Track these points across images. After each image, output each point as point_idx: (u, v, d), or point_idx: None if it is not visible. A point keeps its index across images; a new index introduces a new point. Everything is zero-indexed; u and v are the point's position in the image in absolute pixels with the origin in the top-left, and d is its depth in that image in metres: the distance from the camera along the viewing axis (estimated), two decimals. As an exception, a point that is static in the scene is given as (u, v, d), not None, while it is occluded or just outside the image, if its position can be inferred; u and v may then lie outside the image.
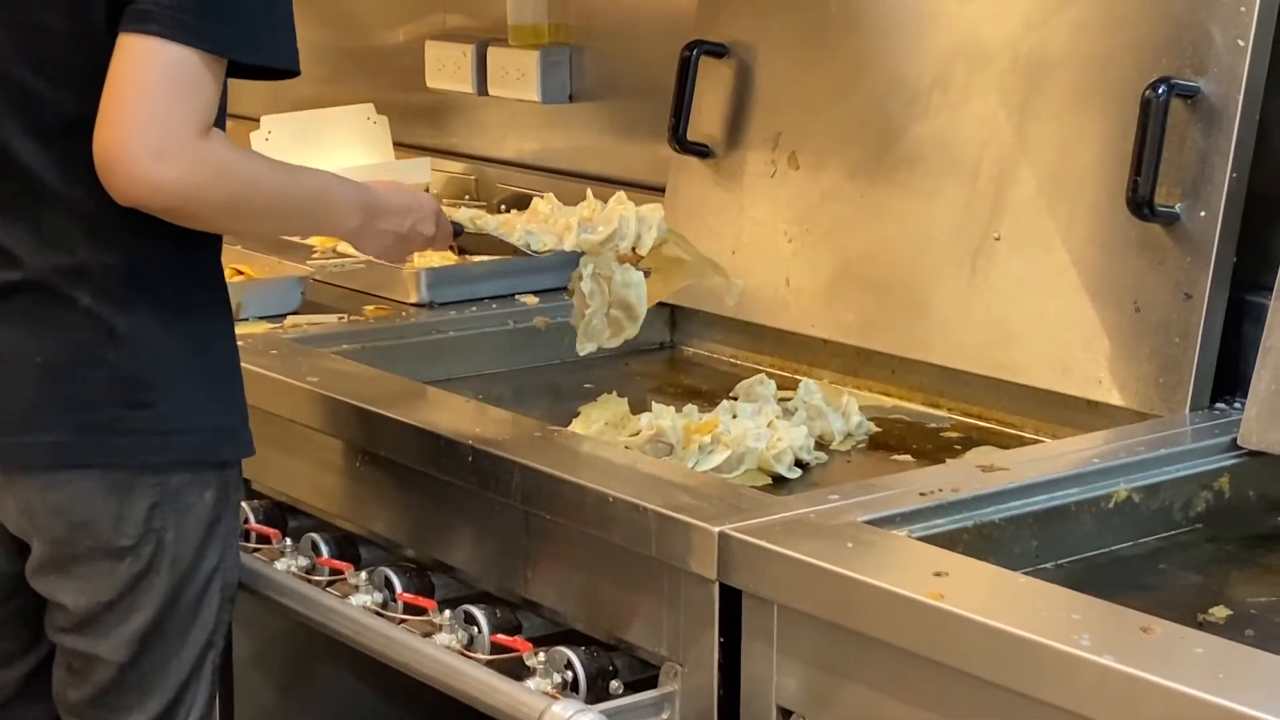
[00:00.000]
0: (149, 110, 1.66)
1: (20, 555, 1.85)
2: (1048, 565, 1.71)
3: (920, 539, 1.62)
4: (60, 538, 1.80)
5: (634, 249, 2.08)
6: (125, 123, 1.66)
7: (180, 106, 1.67)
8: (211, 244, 1.86)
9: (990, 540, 1.68)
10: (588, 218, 2.07)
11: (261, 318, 2.42)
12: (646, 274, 2.12)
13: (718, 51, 2.51)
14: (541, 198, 2.14)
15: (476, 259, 2.65)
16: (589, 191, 2.14)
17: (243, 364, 2.16)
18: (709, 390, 2.35)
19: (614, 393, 2.17)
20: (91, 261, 1.76)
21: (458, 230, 2.06)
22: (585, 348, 2.11)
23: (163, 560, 1.82)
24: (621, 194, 2.11)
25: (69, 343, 1.76)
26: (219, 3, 1.69)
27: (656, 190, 2.66)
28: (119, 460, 1.78)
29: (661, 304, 2.54)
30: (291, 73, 1.80)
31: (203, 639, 1.87)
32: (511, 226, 2.09)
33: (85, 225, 1.76)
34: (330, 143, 3.02)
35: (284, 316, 2.43)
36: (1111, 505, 1.76)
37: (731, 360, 2.49)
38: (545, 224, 2.08)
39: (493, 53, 3.01)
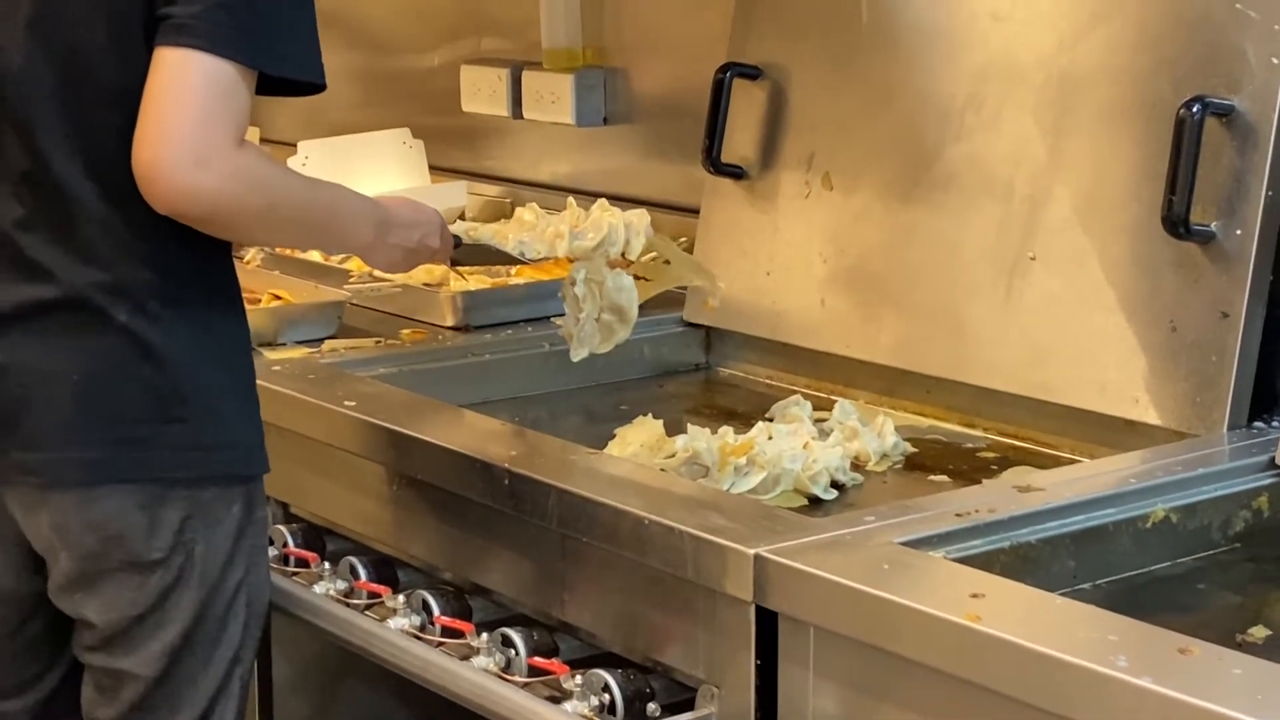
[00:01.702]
0: (188, 120, 1.71)
1: (41, 575, 1.87)
2: (1085, 586, 1.71)
3: (956, 560, 1.62)
4: (92, 552, 1.81)
5: (624, 254, 2.12)
6: (165, 132, 1.70)
7: (218, 117, 1.71)
8: (230, 260, 1.88)
9: (1027, 561, 1.68)
10: (575, 225, 2.11)
11: (299, 342, 2.43)
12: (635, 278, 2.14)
13: (751, 73, 2.52)
14: (525, 207, 2.18)
15: (511, 282, 2.66)
16: (571, 200, 2.16)
17: (281, 388, 2.20)
18: (744, 411, 2.35)
19: (649, 415, 2.17)
20: (127, 278, 1.78)
21: (456, 243, 2.09)
22: (579, 354, 2.13)
23: (192, 573, 1.84)
24: (604, 201, 2.15)
25: (105, 359, 1.79)
26: (252, 17, 1.74)
27: (691, 212, 2.67)
28: (153, 475, 1.80)
29: (696, 325, 2.56)
30: (318, 87, 1.83)
31: (230, 654, 1.89)
32: (504, 236, 2.13)
33: (122, 242, 1.78)
34: (366, 167, 3.04)
35: (321, 341, 2.44)
36: (1149, 525, 1.76)
37: (767, 381, 2.49)
38: (534, 232, 2.13)
39: (527, 76, 3.03)
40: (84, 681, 1.90)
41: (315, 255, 2.82)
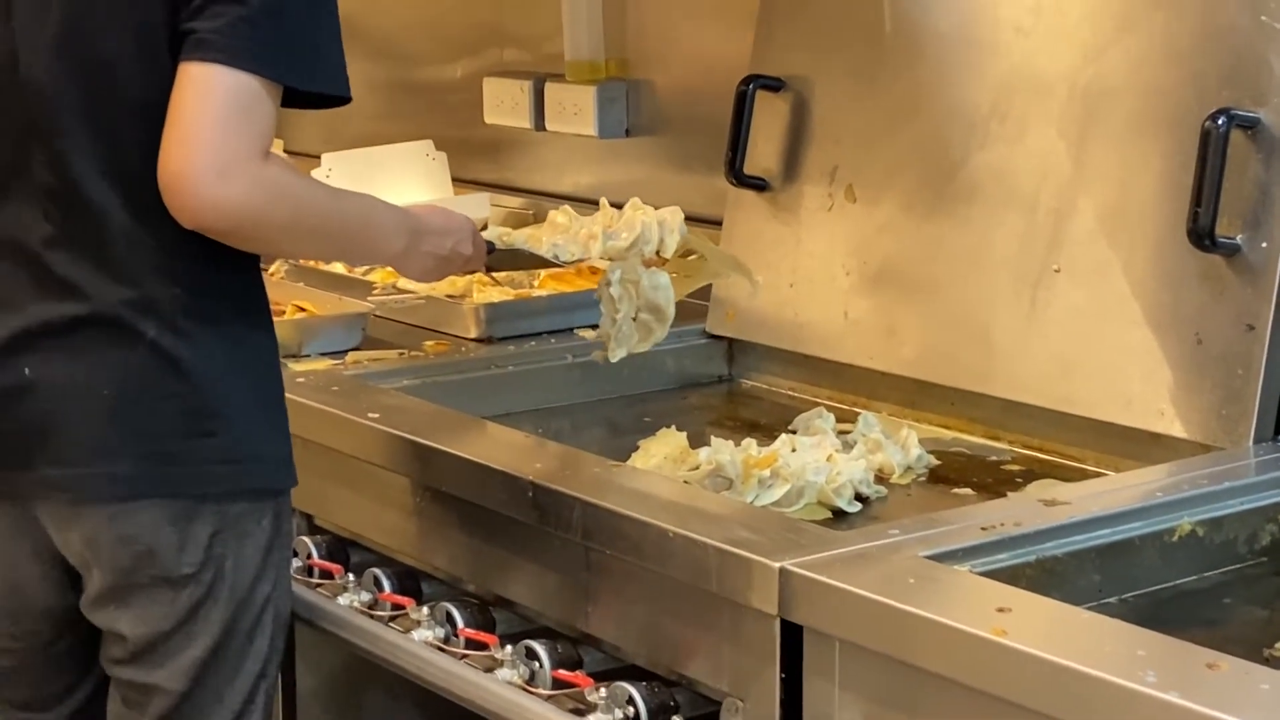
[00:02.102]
0: (213, 133, 1.71)
1: (75, 589, 1.87)
2: (1111, 600, 1.70)
3: (982, 574, 1.62)
4: (124, 567, 1.82)
5: (658, 252, 2.12)
6: (190, 145, 1.71)
7: (242, 130, 1.72)
8: (258, 274, 1.89)
9: (1053, 575, 1.67)
10: (608, 225, 2.10)
11: (323, 354, 2.44)
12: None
13: (774, 85, 2.52)
14: (558, 210, 2.17)
15: (535, 294, 2.66)
16: (603, 200, 2.15)
17: (305, 400, 2.20)
18: (767, 423, 2.35)
19: (672, 426, 2.17)
20: (156, 294, 1.79)
21: (490, 249, 2.09)
22: (617, 354, 2.12)
23: (222, 588, 1.84)
24: (636, 200, 2.14)
25: (136, 375, 1.79)
26: (276, 31, 1.74)
27: (713, 224, 2.67)
28: (184, 490, 1.81)
29: (719, 337, 2.56)
30: (344, 99, 1.83)
31: (257, 668, 1.89)
32: (538, 240, 2.13)
33: (151, 258, 1.79)
34: (390, 179, 3.04)
35: (345, 353, 2.45)
36: (1175, 539, 1.75)
37: (790, 393, 2.49)
38: (567, 234, 2.13)
39: (550, 88, 3.03)
40: (110, 695, 1.91)
41: (339, 267, 2.83)
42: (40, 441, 1.80)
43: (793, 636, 1.62)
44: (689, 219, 2.77)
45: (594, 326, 2.54)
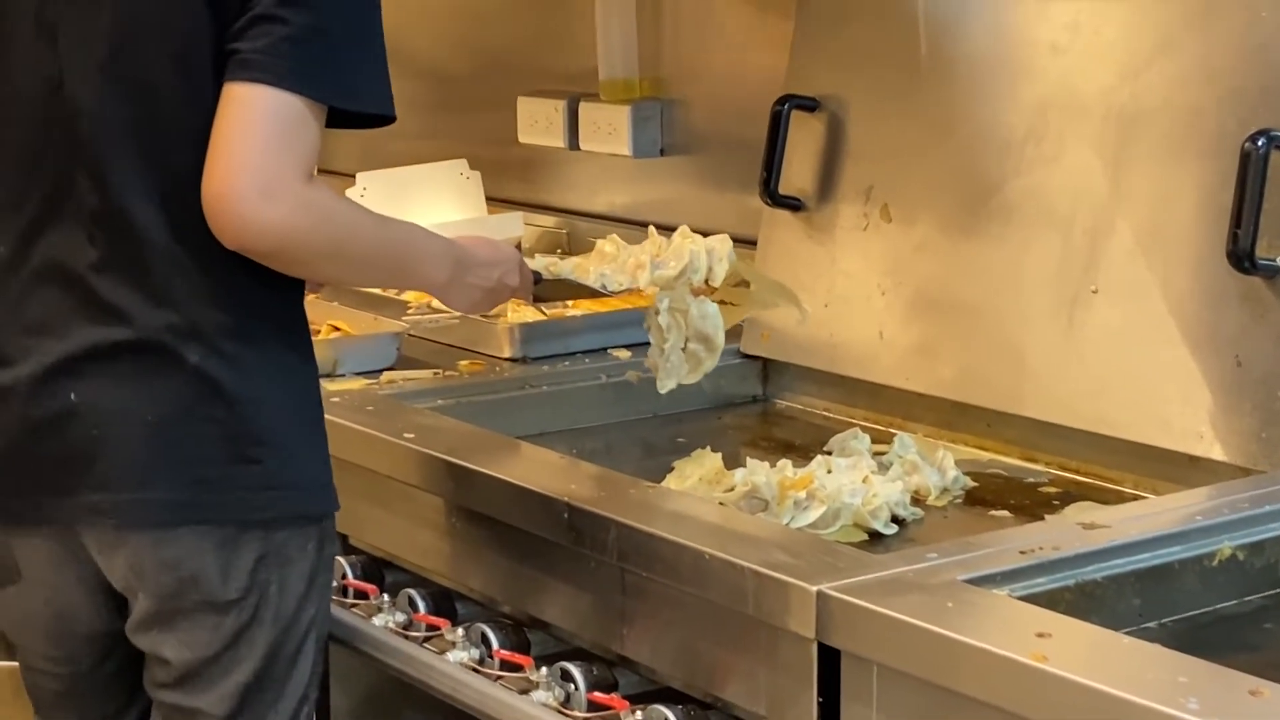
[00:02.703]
0: (256, 154, 1.71)
1: (121, 613, 1.87)
2: (1151, 625, 1.69)
3: (1021, 598, 1.61)
4: (168, 592, 1.81)
5: (706, 281, 2.10)
6: (234, 166, 1.70)
7: (286, 151, 1.71)
8: (301, 298, 1.88)
9: (1092, 599, 1.66)
10: (656, 254, 2.09)
11: (358, 373, 2.44)
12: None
13: (809, 105, 2.51)
14: (606, 239, 2.15)
15: (569, 314, 2.66)
16: (651, 229, 2.13)
17: (340, 420, 2.20)
18: (802, 444, 2.34)
19: (707, 447, 2.17)
20: (200, 318, 1.78)
21: (537, 279, 2.08)
22: (666, 385, 2.11)
23: (266, 613, 1.84)
24: (685, 228, 2.12)
25: (179, 401, 1.78)
26: (320, 51, 1.74)
27: (748, 243, 2.66)
28: (228, 516, 1.80)
29: (753, 357, 2.56)
30: (388, 119, 1.82)
31: (299, 691, 1.89)
32: (585, 270, 2.11)
33: (196, 281, 1.78)
34: (424, 198, 3.05)
35: (380, 372, 2.45)
36: (1215, 563, 1.74)
37: (825, 413, 2.48)
38: (614, 264, 2.11)
39: (584, 108, 3.03)
40: (153, 719, 1.91)
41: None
42: (85, 467, 1.80)
43: (830, 660, 1.62)
44: (722, 239, 2.80)
45: (628, 346, 2.56)
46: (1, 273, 1.84)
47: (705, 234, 2.80)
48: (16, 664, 1.99)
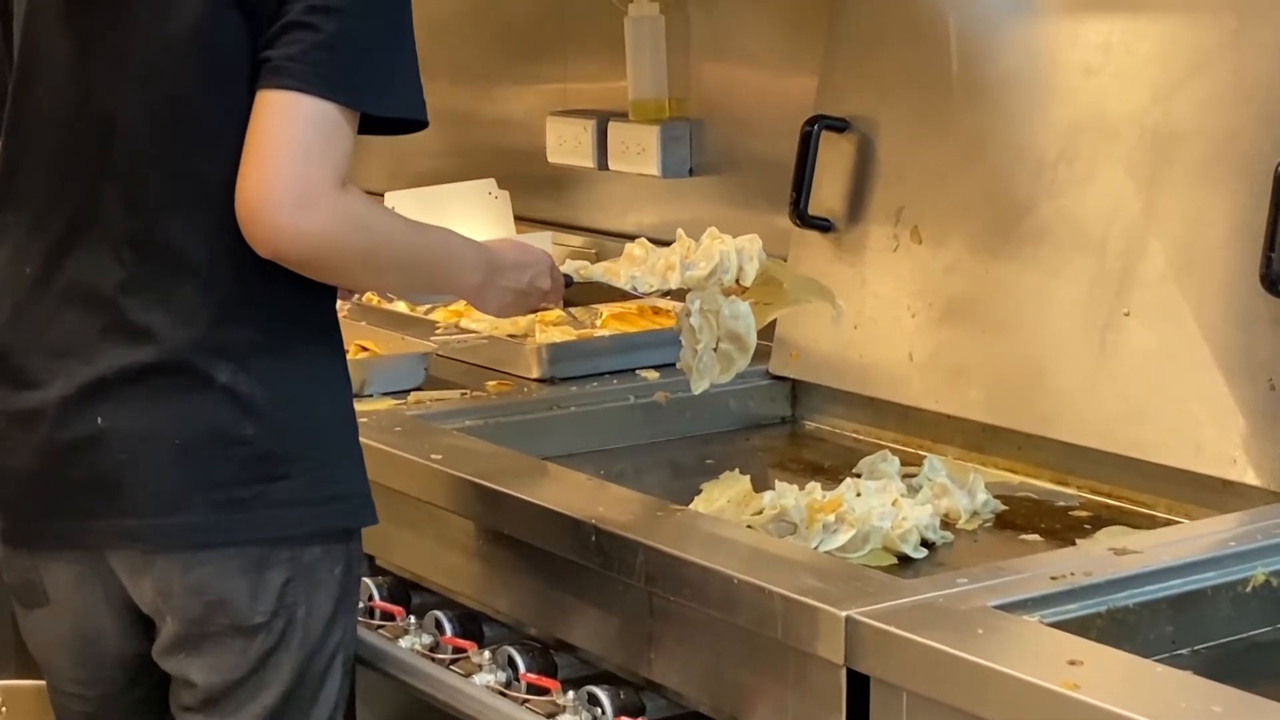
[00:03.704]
0: (291, 163, 1.69)
1: (148, 636, 1.86)
2: (1183, 652, 1.67)
3: (1052, 625, 1.59)
4: (195, 616, 1.80)
5: (737, 281, 2.08)
6: (269, 174, 1.69)
7: (321, 158, 1.70)
8: (333, 307, 1.86)
9: (1124, 626, 1.65)
10: (685, 256, 2.08)
11: (385, 394, 2.43)
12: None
13: (839, 126, 2.50)
14: (635, 243, 2.14)
15: (597, 334, 2.65)
16: (680, 231, 2.12)
17: (368, 440, 2.19)
18: (831, 466, 2.33)
19: (736, 469, 2.16)
20: (230, 336, 1.76)
21: (568, 282, 2.08)
22: (700, 386, 2.09)
23: (293, 636, 1.82)
24: (714, 229, 2.10)
25: (207, 421, 1.76)
26: (353, 57, 1.72)
27: (778, 264, 2.66)
28: (257, 536, 1.78)
29: (782, 378, 2.55)
30: (421, 124, 1.80)
31: (326, 714, 1.88)
32: (615, 273, 2.11)
33: (225, 297, 1.76)
34: (453, 217, 3.04)
35: (408, 392, 2.44)
36: (1249, 589, 1.72)
37: (854, 435, 2.47)
38: (644, 265, 2.10)
39: (613, 128, 3.03)
40: None
41: (401, 306, 2.83)
42: (113, 492, 1.79)
43: (859, 687, 1.60)
44: (752, 259, 2.79)
45: (656, 367, 2.55)
46: (27, 294, 1.83)
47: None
48: (42, 682, 1.99)
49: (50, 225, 1.81)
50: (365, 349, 2.57)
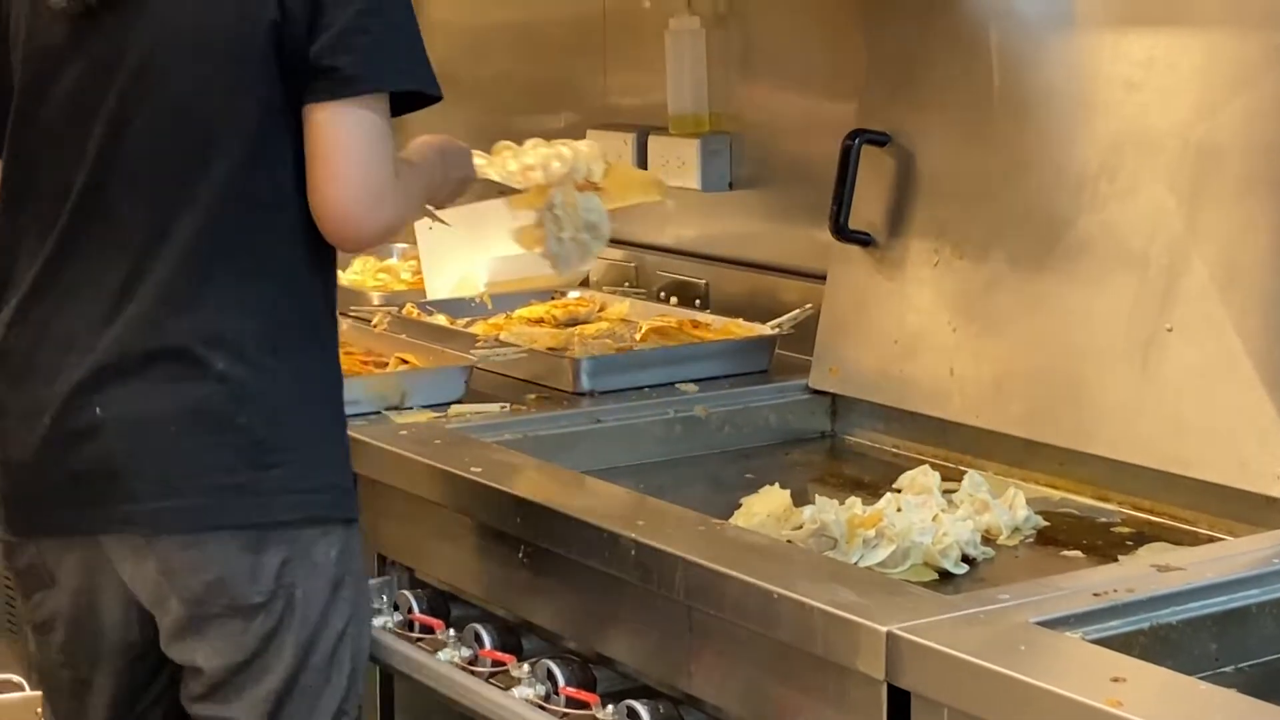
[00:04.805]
0: (367, 168, 1.85)
1: (141, 626, 1.92)
2: (1227, 669, 1.66)
3: (1095, 642, 1.58)
4: (197, 596, 1.87)
5: (588, 179, 2.43)
6: (351, 184, 1.84)
7: (386, 156, 1.86)
8: (328, 303, 1.95)
9: (1167, 643, 1.64)
10: (546, 161, 2.44)
11: (425, 407, 2.44)
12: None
13: (880, 140, 2.50)
14: (503, 145, 2.50)
15: (636, 348, 2.65)
16: (534, 139, 2.46)
17: (407, 453, 2.20)
18: (871, 481, 2.33)
19: (775, 484, 2.15)
20: (229, 327, 1.84)
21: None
22: (565, 271, 2.45)
23: (292, 618, 1.89)
24: (539, 140, 2.47)
25: (203, 408, 1.84)
26: (402, 48, 1.87)
27: (816, 278, 2.65)
28: (253, 520, 1.86)
29: (822, 392, 2.54)
30: (437, 98, 1.92)
31: (334, 706, 1.93)
32: (496, 166, 2.46)
33: (225, 291, 1.84)
34: (494, 233, 3.04)
35: (447, 405, 2.45)
36: (1293, 607, 1.71)
37: (893, 450, 2.46)
38: (512, 167, 2.46)
39: (653, 141, 3.03)
40: None
41: (442, 319, 2.84)
42: (113, 479, 1.85)
43: (900, 702, 1.60)
44: (792, 273, 2.80)
45: (695, 381, 2.55)
46: (31, 291, 1.89)
47: (775, 269, 2.84)
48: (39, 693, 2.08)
49: (56, 224, 1.87)
50: (405, 361, 2.57)
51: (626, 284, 3.11)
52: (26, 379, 1.89)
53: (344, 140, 1.83)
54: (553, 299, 2.99)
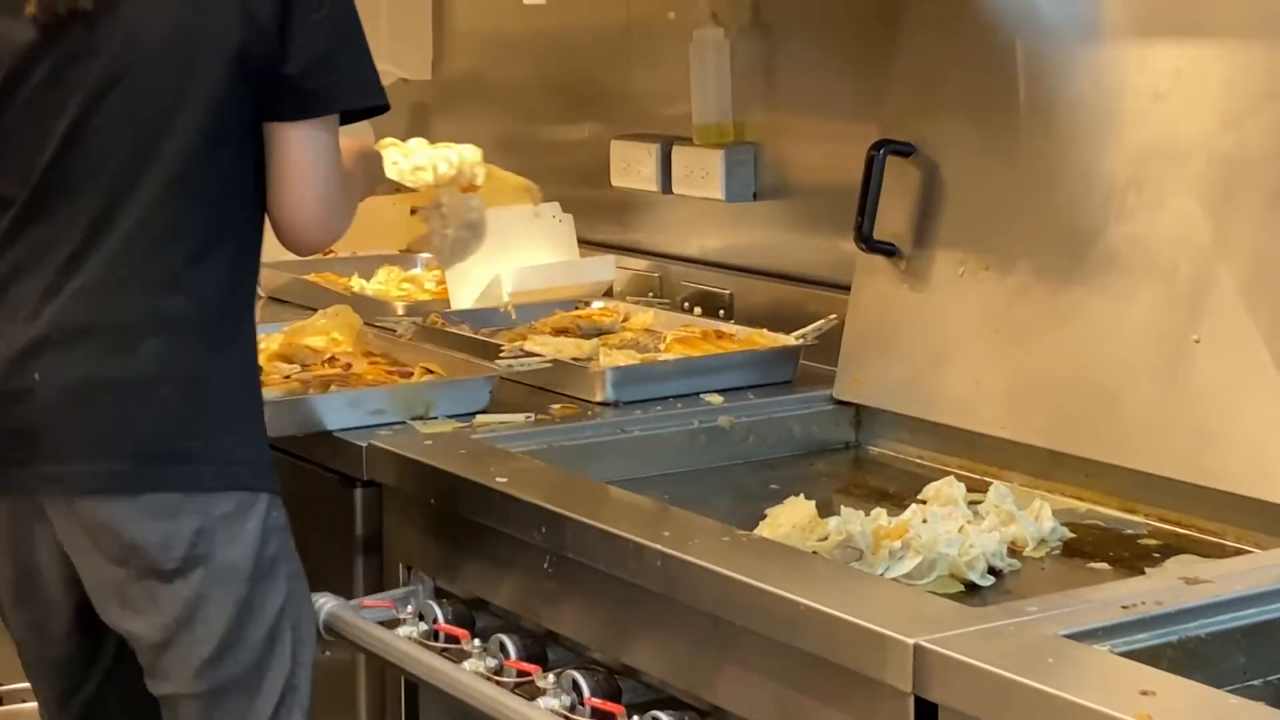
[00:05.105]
0: (323, 188, 2.02)
1: (79, 589, 2.01)
2: (1255, 683, 1.65)
3: (1123, 655, 1.58)
4: (115, 558, 1.96)
5: (471, 182, 2.77)
6: (311, 203, 2.02)
7: (337, 174, 2.03)
8: (253, 292, 2.08)
9: (1196, 656, 1.63)
10: (435, 164, 2.73)
11: (450, 416, 2.44)
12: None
13: (905, 150, 2.50)
14: (391, 142, 2.78)
15: (661, 358, 2.65)
16: (420, 139, 2.78)
17: (433, 463, 2.21)
18: (896, 492, 2.32)
19: (800, 495, 2.15)
20: (165, 306, 1.96)
21: None
22: (450, 264, 2.84)
23: (216, 588, 1.97)
24: (423, 140, 2.79)
25: (132, 378, 1.94)
26: (362, 68, 2.01)
27: (840, 288, 2.65)
28: (170, 486, 1.95)
29: (846, 403, 2.54)
30: (388, 108, 2.06)
31: (279, 684, 2.02)
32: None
33: (160, 272, 1.96)
34: (517, 240, 3.05)
35: (472, 415, 2.45)
36: (1323, 620, 1.70)
37: (918, 461, 2.46)
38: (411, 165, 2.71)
39: (677, 152, 3.03)
40: None
41: (467, 329, 2.84)
42: (40, 439, 1.95)
43: (927, 714, 1.59)
44: (816, 283, 2.80)
45: (720, 391, 2.56)
46: None
47: (799, 279, 2.84)
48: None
49: (18, 199, 1.98)
50: (430, 371, 2.58)
51: (650, 294, 3.11)
52: None
53: (308, 160, 1.99)
54: (576, 309, 2.99)
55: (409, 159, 2.72)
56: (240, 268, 2.02)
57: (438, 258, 2.81)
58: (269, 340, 2.70)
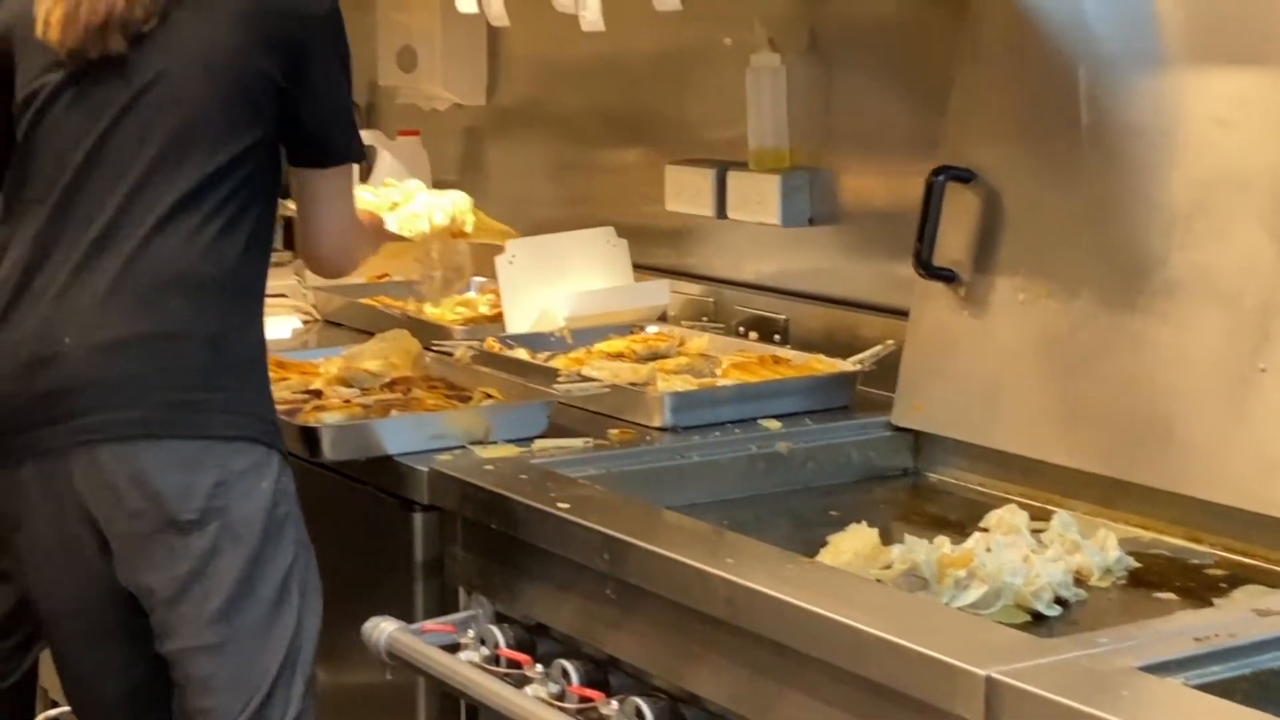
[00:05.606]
0: (343, 223, 2.27)
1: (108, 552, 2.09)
2: (1330, 716, 1.64)
3: (1197, 687, 1.57)
4: (137, 510, 2.05)
5: (460, 228, 2.93)
6: (335, 238, 2.27)
7: (353, 210, 2.33)
8: (267, 265, 2.21)
9: (1269, 689, 1.62)
10: (430, 211, 2.89)
11: (509, 440, 2.44)
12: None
13: (965, 177, 2.49)
14: (371, 188, 2.98)
15: (719, 384, 2.65)
16: (394, 184, 2.97)
17: (493, 488, 2.22)
18: (956, 520, 2.31)
19: (862, 522, 2.14)
20: (190, 271, 2.10)
21: None
22: (440, 302, 3.19)
23: (230, 542, 2.07)
24: (420, 183, 2.99)
25: (160, 332, 2.08)
26: (353, 121, 2.25)
27: (897, 314, 2.65)
28: (193, 433, 2.06)
29: (905, 429, 2.53)
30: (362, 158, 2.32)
31: (285, 641, 2.11)
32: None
33: (185, 242, 2.09)
34: (571, 265, 3.06)
35: (531, 440, 2.45)
36: (1395, 652, 1.69)
37: (978, 488, 2.45)
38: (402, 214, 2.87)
39: (733, 177, 3.02)
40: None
41: (523, 354, 2.84)
42: (68, 397, 2.06)
43: (998, 747, 1.58)
44: (873, 309, 2.80)
45: (778, 417, 2.55)
46: (29, 258, 2.12)
47: (855, 304, 2.83)
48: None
49: (46, 201, 2.12)
50: (489, 395, 2.58)
51: (705, 318, 3.10)
52: (10, 324, 2.12)
53: (333, 203, 2.24)
54: (632, 333, 3.00)
55: (407, 205, 2.87)
56: (257, 238, 2.16)
57: (426, 295, 3.21)
58: (328, 364, 2.71)
